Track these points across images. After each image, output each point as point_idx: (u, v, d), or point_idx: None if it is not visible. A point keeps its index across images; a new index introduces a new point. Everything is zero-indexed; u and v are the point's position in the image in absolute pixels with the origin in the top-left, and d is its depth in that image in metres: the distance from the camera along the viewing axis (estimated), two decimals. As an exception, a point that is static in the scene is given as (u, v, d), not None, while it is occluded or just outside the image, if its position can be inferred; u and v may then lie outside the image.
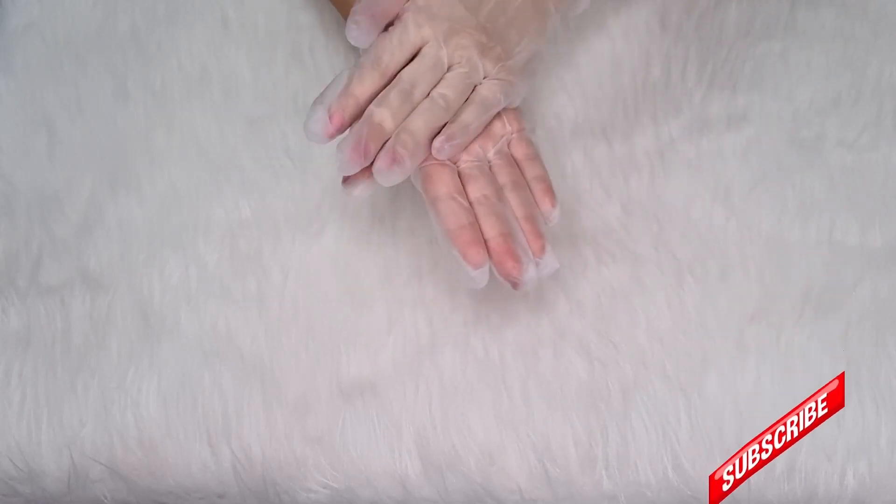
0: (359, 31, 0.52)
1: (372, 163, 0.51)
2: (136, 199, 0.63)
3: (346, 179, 0.53)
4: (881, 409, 0.56)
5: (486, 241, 0.52)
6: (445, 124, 0.54)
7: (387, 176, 0.51)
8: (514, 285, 0.52)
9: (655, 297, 0.59)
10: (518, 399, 0.57)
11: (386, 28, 0.54)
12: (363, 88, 0.52)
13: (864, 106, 0.65)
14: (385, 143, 0.52)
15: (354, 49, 0.67)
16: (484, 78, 0.55)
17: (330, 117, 0.51)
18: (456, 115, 0.54)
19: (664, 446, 0.56)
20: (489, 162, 0.55)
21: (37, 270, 0.61)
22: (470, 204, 0.53)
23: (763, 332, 0.58)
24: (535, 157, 0.56)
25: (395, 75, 0.53)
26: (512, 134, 0.56)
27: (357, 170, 0.51)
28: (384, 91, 0.53)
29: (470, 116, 0.54)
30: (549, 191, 0.55)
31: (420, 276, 0.60)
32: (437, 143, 0.53)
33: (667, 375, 0.57)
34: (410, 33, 0.54)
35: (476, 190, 0.53)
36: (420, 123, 0.53)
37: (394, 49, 0.53)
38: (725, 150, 0.63)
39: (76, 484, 0.57)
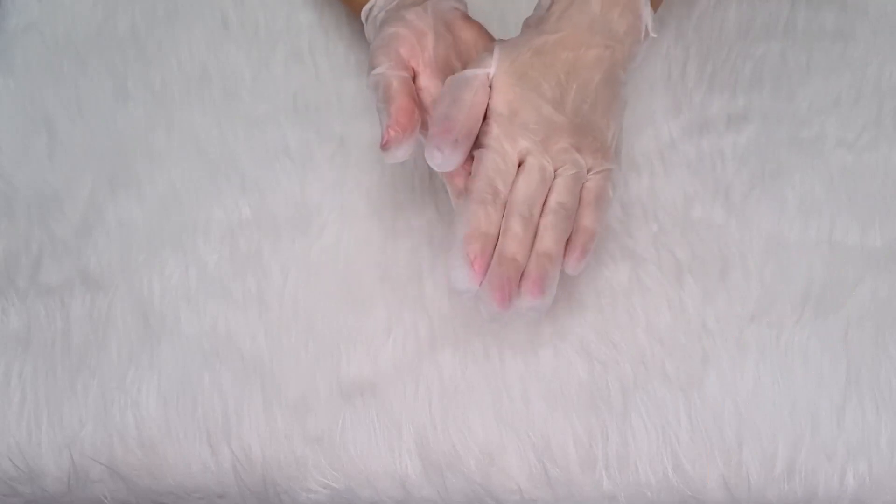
0: (444, 159, 0.52)
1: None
2: (136, 199, 0.63)
3: (385, 145, 0.52)
4: (881, 409, 0.56)
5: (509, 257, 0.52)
6: (571, 232, 0.53)
7: (538, 306, 0.51)
8: (488, 315, 0.52)
9: (655, 297, 0.59)
10: (518, 399, 0.57)
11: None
12: (490, 223, 0.52)
13: (864, 106, 0.65)
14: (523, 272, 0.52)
15: (354, 49, 0.67)
16: (588, 172, 0.54)
17: (473, 264, 0.51)
18: (578, 221, 0.53)
19: (664, 446, 0.56)
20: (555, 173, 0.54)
21: (37, 271, 0.61)
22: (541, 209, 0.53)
23: (763, 332, 0.58)
24: (603, 207, 0.55)
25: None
26: (597, 171, 0.55)
27: (508, 311, 0.51)
28: (505, 220, 0.52)
29: (592, 220, 0.54)
30: (586, 250, 0.54)
31: (420, 276, 0.60)
32: (571, 261, 0.53)
33: (667, 375, 0.57)
34: (509, 151, 0.53)
35: (554, 199, 0.53)
36: (551, 243, 0.52)
37: (504, 174, 0.52)
38: (725, 150, 0.63)
39: (76, 484, 0.57)
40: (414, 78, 0.55)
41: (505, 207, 0.52)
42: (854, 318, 0.58)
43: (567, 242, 0.53)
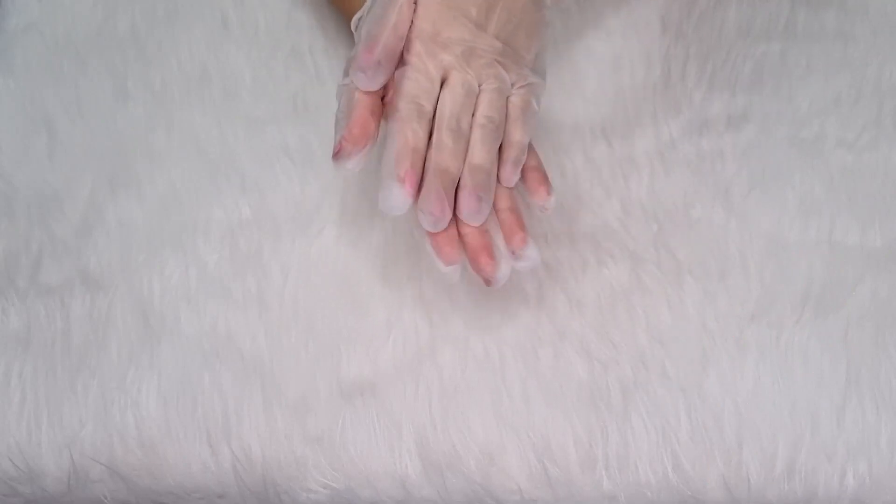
0: (367, 79, 0.52)
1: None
2: (136, 200, 0.63)
3: (337, 154, 0.53)
4: (881, 409, 0.56)
5: (463, 234, 0.52)
6: (501, 145, 0.54)
7: (476, 216, 0.52)
8: (487, 282, 0.52)
9: (655, 297, 0.59)
10: (518, 399, 0.57)
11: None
12: (418, 139, 0.52)
13: (864, 106, 0.65)
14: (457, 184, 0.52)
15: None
16: (512, 87, 0.55)
17: (403, 182, 0.51)
18: (507, 136, 0.54)
19: (664, 446, 0.56)
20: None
21: (37, 271, 0.61)
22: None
23: (763, 332, 0.58)
24: (529, 119, 0.55)
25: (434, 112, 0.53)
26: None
27: (446, 223, 0.51)
28: (435, 135, 0.52)
29: (521, 134, 0.54)
30: (545, 180, 0.55)
31: (420, 276, 0.60)
32: (505, 173, 0.54)
33: (667, 375, 0.57)
34: (431, 69, 0.53)
35: (481, 113, 0.53)
36: (483, 155, 0.53)
37: (427, 91, 0.53)
38: (725, 150, 0.63)
39: (76, 484, 0.57)
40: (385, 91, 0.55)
41: (430, 124, 0.53)
42: (854, 318, 0.58)
43: (499, 156, 0.54)
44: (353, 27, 0.58)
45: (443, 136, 0.52)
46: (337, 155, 0.52)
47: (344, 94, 0.54)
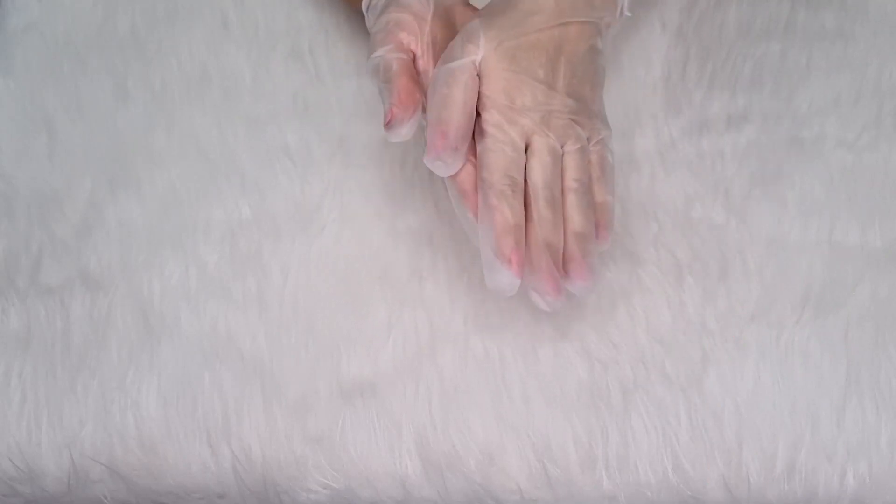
0: (446, 167, 0.52)
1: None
2: (135, 200, 0.63)
3: (389, 123, 0.52)
4: (881, 409, 0.56)
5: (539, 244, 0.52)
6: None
7: (589, 287, 0.52)
8: (545, 304, 0.52)
9: (655, 297, 0.59)
10: (518, 399, 0.57)
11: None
12: (517, 215, 0.51)
13: (864, 106, 0.65)
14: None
15: (354, 49, 0.67)
16: (588, 142, 0.54)
17: (511, 263, 0.50)
18: (597, 199, 0.54)
19: (664, 446, 0.56)
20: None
21: (37, 271, 0.61)
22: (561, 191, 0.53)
23: (763, 332, 0.58)
24: (609, 176, 0.55)
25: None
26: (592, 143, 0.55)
27: (563, 300, 0.52)
28: (532, 207, 0.52)
29: (605, 195, 0.54)
30: (610, 222, 0.55)
31: (420, 276, 0.60)
32: (602, 244, 0.54)
33: (667, 375, 0.57)
34: (515, 138, 0.53)
35: (570, 177, 0.53)
36: (582, 221, 0.53)
37: (515, 160, 0.52)
38: (725, 150, 0.63)
39: (76, 484, 0.57)
40: (413, 61, 0.55)
41: (523, 196, 0.52)
42: (854, 318, 0.58)
43: None
44: (364, 10, 0.58)
45: (542, 209, 0.52)
46: (389, 124, 0.52)
47: (381, 66, 0.53)
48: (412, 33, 0.55)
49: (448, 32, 0.56)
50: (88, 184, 0.64)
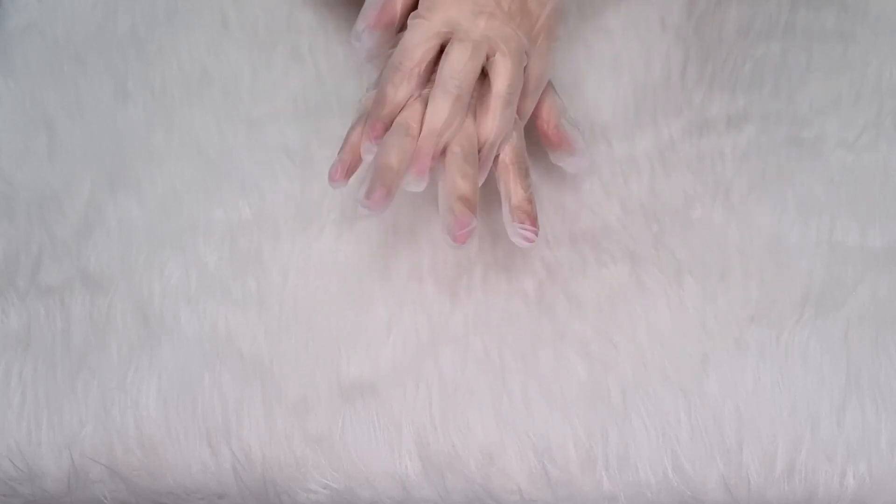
0: (360, 46, 0.53)
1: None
2: (136, 200, 0.63)
3: (331, 178, 0.54)
4: (881, 409, 0.56)
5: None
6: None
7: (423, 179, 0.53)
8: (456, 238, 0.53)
9: (655, 297, 0.59)
10: (518, 399, 0.57)
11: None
12: (400, 97, 0.53)
13: (864, 106, 0.65)
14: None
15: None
16: (525, 53, 0.54)
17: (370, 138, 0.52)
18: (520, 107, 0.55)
19: (664, 447, 0.56)
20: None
21: (37, 271, 0.61)
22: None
23: (763, 332, 0.58)
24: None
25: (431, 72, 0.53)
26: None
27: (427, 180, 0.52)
28: (431, 93, 0.52)
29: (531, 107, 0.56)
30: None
31: (420, 276, 0.60)
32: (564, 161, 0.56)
33: (667, 375, 0.57)
34: (438, 24, 0.53)
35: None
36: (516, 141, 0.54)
37: (429, 49, 0.53)
38: (725, 150, 0.63)
39: (76, 484, 0.57)
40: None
41: (418, 78, 0.53)
42: (854, 318, 0.58)
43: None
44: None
45: (437, 95, 0.53)
46: (331, 178, 0.55)
47: (364, 102, 0.56)
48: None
49: None
50: (88, 184, 0.64)
